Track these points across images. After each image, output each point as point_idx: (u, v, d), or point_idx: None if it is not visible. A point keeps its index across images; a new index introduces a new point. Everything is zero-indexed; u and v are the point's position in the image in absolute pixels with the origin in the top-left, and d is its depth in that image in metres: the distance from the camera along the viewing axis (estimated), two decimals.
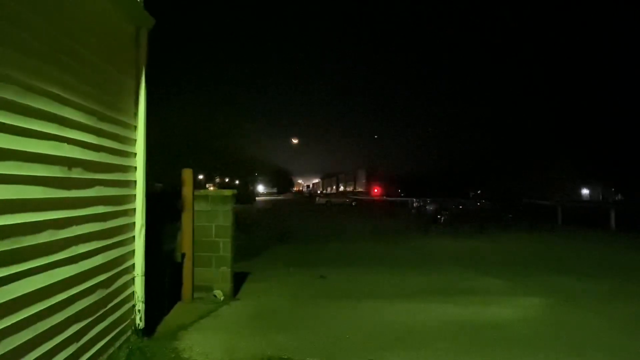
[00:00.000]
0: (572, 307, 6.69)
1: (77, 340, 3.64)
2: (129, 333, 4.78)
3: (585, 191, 58.65)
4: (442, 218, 23.78)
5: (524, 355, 4.82)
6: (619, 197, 53.09)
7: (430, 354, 4.86)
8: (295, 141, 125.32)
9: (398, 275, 9.11)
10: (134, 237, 4.95)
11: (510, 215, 24.59)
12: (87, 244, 3.85)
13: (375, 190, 70.30)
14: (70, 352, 3.52)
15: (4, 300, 2.77)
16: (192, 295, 6.92)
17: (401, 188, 66.58)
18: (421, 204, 29.41)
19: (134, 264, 4.96)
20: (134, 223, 4.97)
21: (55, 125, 3.39)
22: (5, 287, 2.78)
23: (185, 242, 6.91)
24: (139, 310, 4.98)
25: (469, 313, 6.30)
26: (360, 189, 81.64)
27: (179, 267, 6.88)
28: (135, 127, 5.05)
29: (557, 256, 12.35)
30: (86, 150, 3.88)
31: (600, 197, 54.94)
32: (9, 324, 2.80)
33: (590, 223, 21.01)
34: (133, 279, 4.94)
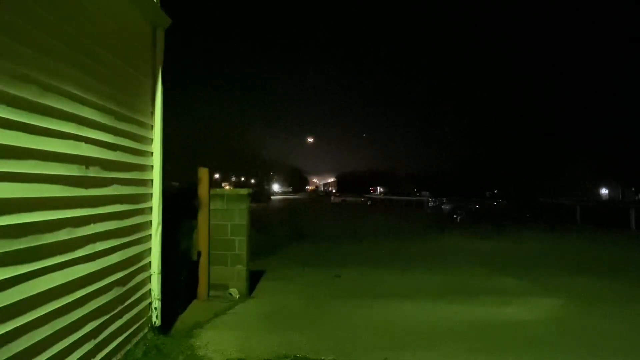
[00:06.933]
0: (590, 308, 6.58)
1: (95, 337, 3.68)
2: (145, 330, 4.83)
3: (604, 191, 57.72)
4: (459, 217, 23.59)
5: (540, 357, 4.75)
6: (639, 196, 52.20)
7: (445, 353, 4.81)
8: (310, 140, 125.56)
9: (414, 275, 9.05)
10: (150, 235, 5.00)
11: (528, 215, 24.29)
12: (104, 242, 3.89)
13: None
14: (88, 349, 3.56)
15: (25, 297, 2.81)
16: (208, 293, 6.97)
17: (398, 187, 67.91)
18: (437, 203, 29.13)
19: (150, 262, 5.01)
20: (151, 221, 5.01)
21: (73, 125, 3.42)
22: (25, 284, 2.82)
23: (201, 241, 6.96)
24: (155, 308, 5.03)
25: (485, 313, 6.24)
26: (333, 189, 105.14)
27: (195, 265, 6.93)
28: (152, 126, 5.09)
29: (575, 256, 12.13)
30: (103, 150, 3.92)
31: (620, 197, 54.05)
32: (29, 320, 2.84)
33: (610, 223, 20.65)
34: (150, 276, 4.98)
